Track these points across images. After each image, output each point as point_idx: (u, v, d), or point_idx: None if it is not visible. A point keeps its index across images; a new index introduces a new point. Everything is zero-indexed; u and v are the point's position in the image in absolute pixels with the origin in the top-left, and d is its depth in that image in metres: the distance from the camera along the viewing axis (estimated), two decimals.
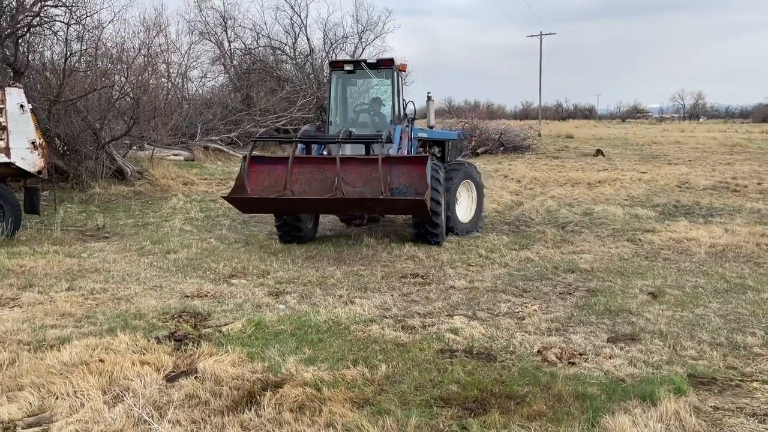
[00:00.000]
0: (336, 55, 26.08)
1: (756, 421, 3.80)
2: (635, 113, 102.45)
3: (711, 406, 4.00)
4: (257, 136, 9.39)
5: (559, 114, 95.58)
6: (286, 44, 26.95)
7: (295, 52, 26.62)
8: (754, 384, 4.35)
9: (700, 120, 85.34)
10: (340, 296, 6.42)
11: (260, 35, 26.77)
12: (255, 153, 8.62)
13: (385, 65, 9.55)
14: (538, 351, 4.99)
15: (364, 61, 9.71)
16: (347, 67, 9.60)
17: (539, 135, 36.86)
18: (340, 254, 8.30)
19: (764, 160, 23.04)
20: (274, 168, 8.17)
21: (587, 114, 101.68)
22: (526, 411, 3.90)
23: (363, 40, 26.77)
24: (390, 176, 7.88)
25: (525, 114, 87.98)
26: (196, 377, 4.32)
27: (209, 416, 3.78)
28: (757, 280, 7.07)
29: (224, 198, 7.54)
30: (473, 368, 4.61)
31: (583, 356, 4.89)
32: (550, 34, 74.77)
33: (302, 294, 6.49)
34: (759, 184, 15.83)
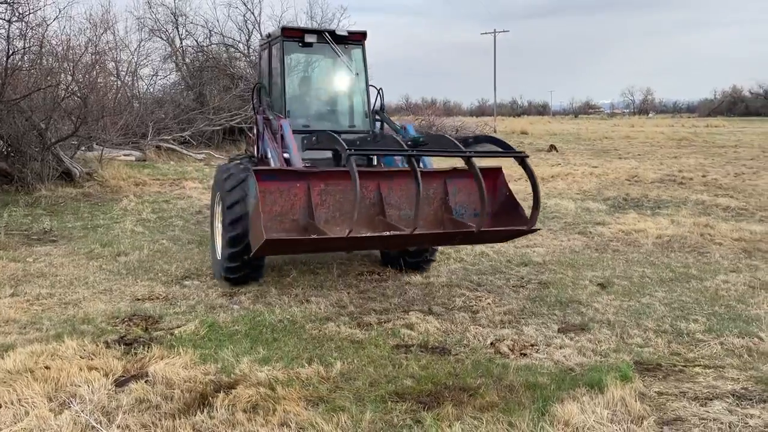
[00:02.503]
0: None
1: (698, 404, 3.95)
2: (587, 109, 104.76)
3: (655, 392, 4.14)
4: (356, 148, 5.89)
5: (514, 110, 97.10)
6: (239, 41, 26.57)
7: (248, 50, 26.24)
8: (697, 369, 4.52)
9: (650, 115, 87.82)
10: (296, 295, 6.38)
11: (213, 32, 26.31)
12: (304, 168, 5.98)
13: (354, 40, 7.42)
14: (492, 343, 5.07)
15: (332, 32, 7.29)
16: (309, 38, 7.19)
17: (495, 131, 37.36)
18: (295, 255, 8.23)
19: (709, 153, 23.89)
20: (292, 185, 5.65)
21: (541, 110, 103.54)
22: (478, 402, 3.97)
23: None
24: (446, 195, 6.25)
25: (481, 111, 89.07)
26: (146, 381, 4.23)
27: (160, 420, 3.72)
28: (700, 269, 7.34)
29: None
30: (428, 362, 4.66)
31: (535, 347, 4.99)
32: (504, 31, 75.95)
33: (257, 294, 6.42)
34: (704, 176, 16.41)
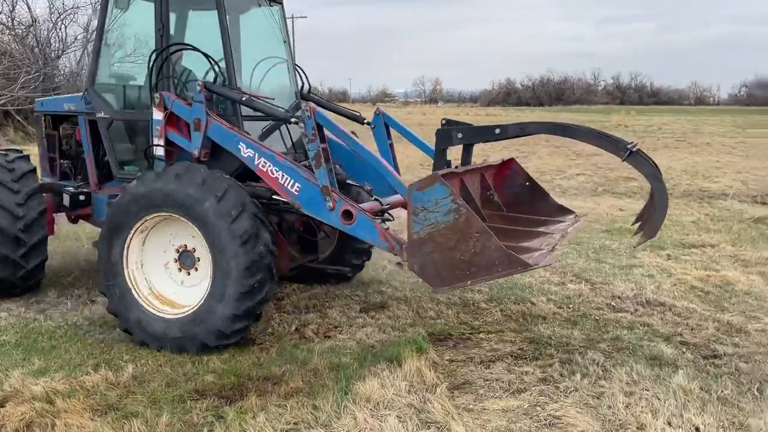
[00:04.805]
0: (65, 27, 22.96)
1: (483, 367, 4.34)
2: (384, 97, 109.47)
3: (447, 359, 4.46)
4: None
5: None
6: (1, 12, 23.17)
7: (13, 22, 22.97)
8: (481, 335, 4.96)
9: (439, 104, 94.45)
10: (79, 296, 5.76)
11: None
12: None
13: None
14: (297, 329, 5.06)
15: None
16: None
17: None
18: (77, 249, 7.42)
19: None
20: None
21: (341, 97, 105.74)
22: (283, 390, 3.94)
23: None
24: (487, 190, 5.29)
25: None
26: None
27: None
28: None
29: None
30: (231, 355, 4.51)
31: (338, 329, 5.09)
32: (302, 17, 76.25)
33: (29, 298, 5.66)
34: (484, 160, 18.04)
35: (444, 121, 5.09)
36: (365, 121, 5.97)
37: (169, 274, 4.78)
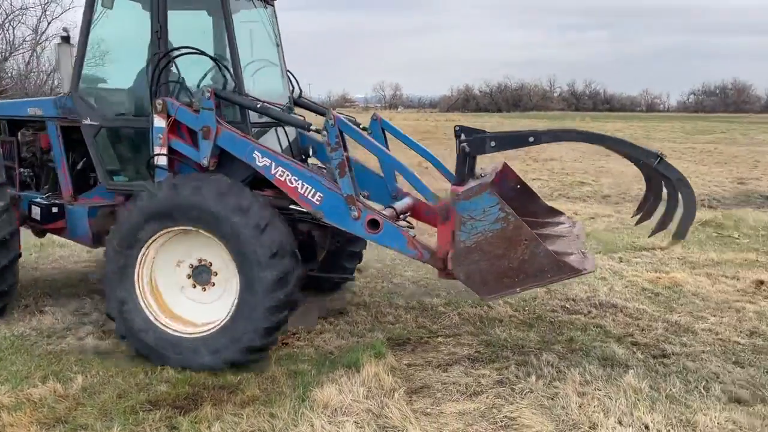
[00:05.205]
0: (13, 28, 22.23)
1: (440, 371, 4.37)
2: (344, 102, 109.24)
3: (405, 364, 4.47)
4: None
5: None
6: None
7: None
8: (439, 339, 5.00)
9: (399, 109, 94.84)
10: (26, 306, 5.57)
11: None
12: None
13: None
14: None
15: None
16: None
17: None
18: (24, 258, 7.16)
19: (448, 145, 26.67)
20: None
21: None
22: (239, 398, 3.89)
23: (48, 13, 23.37)
24: None
25: None
26: None
27: None
28: None
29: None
30: None
31: (296, 335, 5.05)
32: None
33: None
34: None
35: (457, 128, 4.96)
36: (361, 126, 5.65)
37: (175, 272, 4.55)
